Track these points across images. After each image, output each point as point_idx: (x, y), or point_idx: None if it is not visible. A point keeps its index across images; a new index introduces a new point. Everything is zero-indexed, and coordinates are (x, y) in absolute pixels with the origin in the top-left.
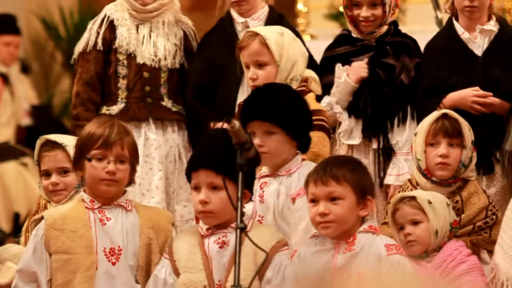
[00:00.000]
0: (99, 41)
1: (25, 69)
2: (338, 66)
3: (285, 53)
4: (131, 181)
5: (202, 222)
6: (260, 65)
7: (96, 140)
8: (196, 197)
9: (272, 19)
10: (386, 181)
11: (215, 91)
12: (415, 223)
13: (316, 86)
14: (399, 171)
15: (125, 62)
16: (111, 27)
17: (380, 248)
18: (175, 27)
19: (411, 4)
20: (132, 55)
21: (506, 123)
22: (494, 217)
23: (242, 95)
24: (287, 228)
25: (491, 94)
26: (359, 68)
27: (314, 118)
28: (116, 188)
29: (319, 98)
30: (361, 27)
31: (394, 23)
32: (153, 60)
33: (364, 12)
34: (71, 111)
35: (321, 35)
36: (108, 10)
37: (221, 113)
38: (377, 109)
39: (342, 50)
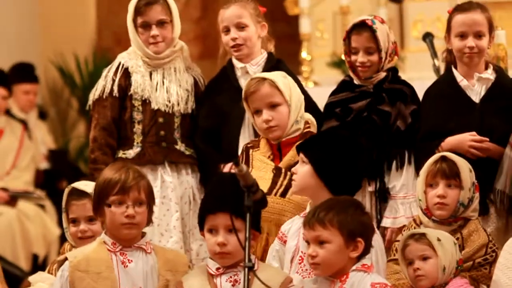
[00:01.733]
0: (115, 88)
1: (42, 115)
2: None
3: (293, 93)
4: (148, 222)
5: (212, 262)
6: (273, 106)
7: (113, 186)
8: (212, 239)
9: (270, 64)
10: (383, 224)
11: (220, 135)
12: (424, 258)
13: (314, 129)
14: (396, 214)
15: (140, 107)
16: (126, 74)
17: (366, 286)
18: (186, 73)
19: (410, 53)
20: (147, 101)
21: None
22: (493, 254)
23: (244, 138)
24: None
25: (487, 139)
26: None
27: None
28: (136, 230)
29: None
30: (359, 72)
31: (393, 70)
32: (166, 105)
33: (360, 57)
34: (88, 155)
35: (324, 82)
36: (122, 58)
37: (227, 155)
38: (374, 154)
39: (342, 96)
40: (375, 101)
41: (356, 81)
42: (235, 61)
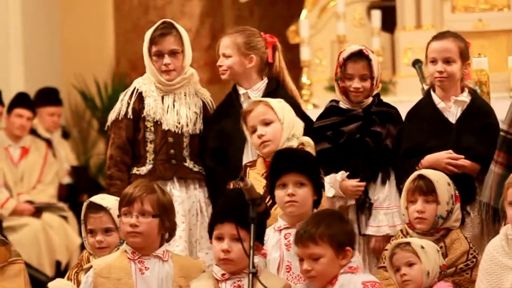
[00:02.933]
0: (130, 110)
1: (65, 135)
2: (333, 177)
3: (286, 113)
4: (170, 235)
5: (217, 268)
6: (266, 124)
7: (123, 199)
8: (218, 246)
9: (270, 89)
10: (368, 232)
11: (226, 154)
12: (410, 265)
13: (311, 150)
14: (379, 223)
15: (152, 128)
16: (140, 98)
17: (357, 285)
18: (195, 97)
19: (400, 78)
20: (158, 123)
21: (476, 181)
22: (474, 259)
23: (247, 157)
24: None
25: (463, 156)
26: (355, 189)
27: None
28: (140, 239)
29: None
30: (352, 97)
31: (377, 95)
32: (176, 126)
33: (355, 83)
34: (105, 171)
35: (322, 104)
36: (137, 83)
37: (232, 172)
38: (367, 173)
39: (332, 120)
40: (366, 123)
41: (343, 106)
42: (238, 87)
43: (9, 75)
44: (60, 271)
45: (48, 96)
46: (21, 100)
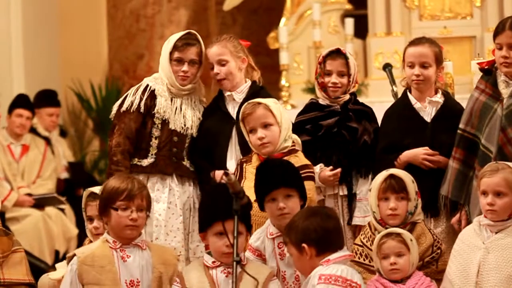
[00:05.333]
0: (142, 105)
1: (63, 133)
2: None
3: (283, 116)
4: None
5: (208, 257)
6: (266, 126)
7: (121, 193)
8: (221, 241)
9: (252, 90)
10: (354, 222)
11: (212, 152)
12: (399, 255)
13: (298, 147)
14: (364, 214)
15: (160, 126)
16: (152, 95)
17: (316, 277)
18: (200, 104)
19: (372, 80)
20: (166, 121)
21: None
22: (439, 251)
23: (230, 154)
24: None
25: (438, 153)
26: (331, 178)
27: (306, 170)
28: (137, 232)
29: None
30: (330, 92)
31: (354, 94)
32: (182, 128)
33: (333, 79)
34: (110, 157)
35: (300, 105)
36: (150, 81)
37: (218, 167)
38: (344, 163)
39: (312, 115)
40: (343, 118)
41: (322, 102)
42: (223, 90)
43: (12, 78)
44: (59, 260)
45: (47, 98)
46: (21, 101)
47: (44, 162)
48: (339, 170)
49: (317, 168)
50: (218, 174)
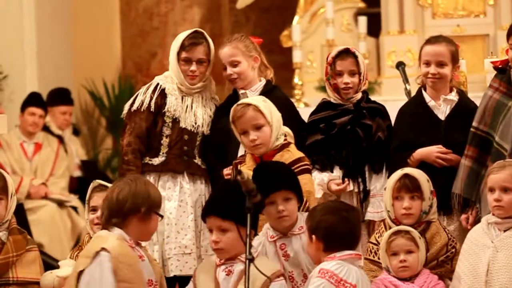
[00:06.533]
0: (152, 104)
1: (76, 131)
2: (321, 179)
3: (273, 115)
4: None
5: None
6: (258, 128)
7: (153, 200)
8: (210, 238)
9: (266, 89)
10: (368, 218)
11: (225, 149)
12: (409, 252)
13: (291, 139)
14: (378, 209)
15: (170, 124)
16: (163, 94)
17: (316, 271)
18: (210, 102)
19: (385, 78)
20: (177, 120)
21: None
22: (453, 250)
23: (242, 152)
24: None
25: (451, 151)
26: (338, 191)
27: (300, 163)
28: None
29: None
30: (342, 94)
31: (366, 93)
32: (193, 126)
33: (345, 78)
34: (122, 157)
35: (312, 103)
36: (160, 80)
37: (230, 165)
38: (357, 160)
39: (325, 114)
40: (357, 116)
41: (335, 101)
42: (237, 89)
43: (25, 77)
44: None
45: (60, 96)
46: (33, 99)
47: (57, 160)
48: (346, 184)
49: (325, 178)
50: (227, 169)
